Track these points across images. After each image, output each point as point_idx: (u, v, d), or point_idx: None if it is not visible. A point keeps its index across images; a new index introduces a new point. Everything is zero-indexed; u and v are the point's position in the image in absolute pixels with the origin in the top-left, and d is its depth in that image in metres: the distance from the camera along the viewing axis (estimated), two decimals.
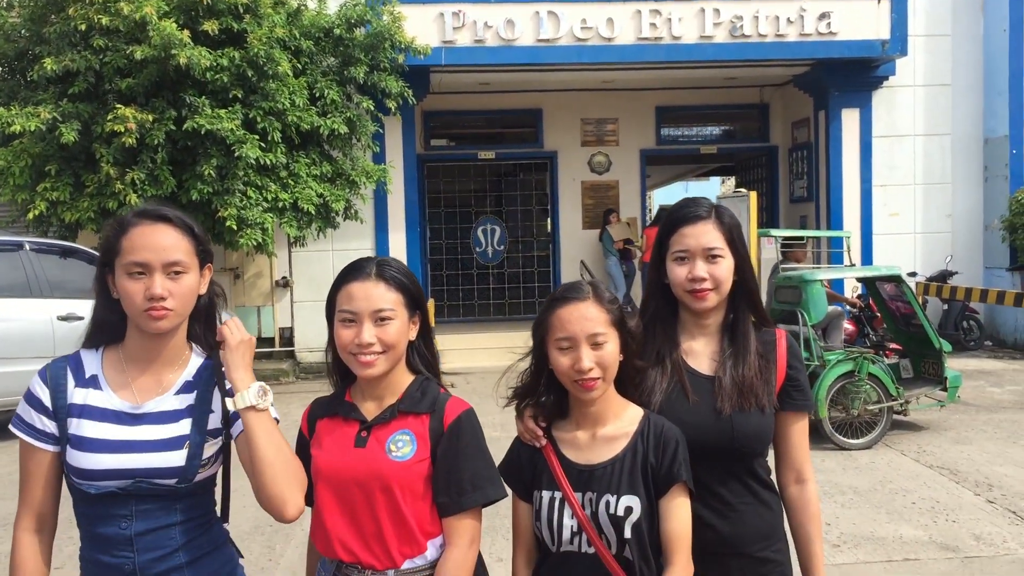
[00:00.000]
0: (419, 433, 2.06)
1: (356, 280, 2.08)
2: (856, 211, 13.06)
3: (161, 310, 1.94)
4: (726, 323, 2.25)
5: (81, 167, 9.71)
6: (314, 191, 10.27)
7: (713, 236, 2.18)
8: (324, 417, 2.16)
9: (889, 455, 7.21)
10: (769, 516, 2.20)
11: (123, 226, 2.00)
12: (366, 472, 2.03)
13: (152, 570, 1.97)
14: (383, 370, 2.07)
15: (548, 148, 15.36)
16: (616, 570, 2.02)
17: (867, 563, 4.99)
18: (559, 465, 2.10)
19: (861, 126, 13.01)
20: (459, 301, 15.89)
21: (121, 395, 2.01)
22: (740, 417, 2.13)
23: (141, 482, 1.95)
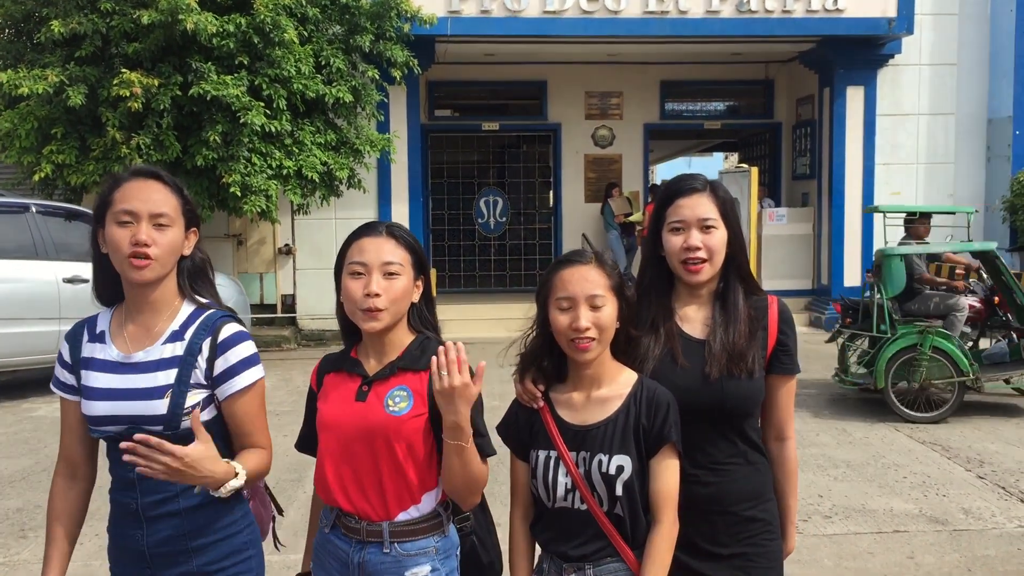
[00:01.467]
0: (416, 389, 2.15)
1: (368, 236, 2.17)
2: (858, 189, 13.09)
3: (144, 259, 2.03)
4: (717, 291, 2.33)
5: (87, 131, 9.74)
6: (318, 159, 10.31)
7: (707, 207, 2.26)
8: (331, 372, 2.26)
9: (883, 431, 7.31)
10: (757, 476, 2.29)
11: (117, 181, 2.12)
12: (365, 425, 2.12)
13: (152, 511, 2.08)
14: (387, 323, 2.14)
15: (552, 120, 15.36)
16: (607, 526, 2.12)
17: (857, 534, 5.10)
18: (555, 425, 2.18)
19: (865, 104, 13.01)
20: (460, 272, 15.96)
21: (117, 346, 2.13)
22: (729, 381, 2.21)
23: (133, 428, 2.04)
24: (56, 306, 8.69)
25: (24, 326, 8.47)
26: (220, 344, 2.11)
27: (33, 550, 4.91)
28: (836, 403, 8.29)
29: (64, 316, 8.71)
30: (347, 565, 2.16)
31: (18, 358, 8.67)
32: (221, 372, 2.10)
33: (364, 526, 2.14)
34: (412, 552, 2.13)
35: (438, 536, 2.17)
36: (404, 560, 2.13)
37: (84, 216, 9.34)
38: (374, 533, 2.13)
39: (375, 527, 2.13)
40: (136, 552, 2.11)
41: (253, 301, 12.39)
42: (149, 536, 2.08)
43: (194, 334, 2.11)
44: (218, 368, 2.10)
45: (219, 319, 2.14)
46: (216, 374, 2.10)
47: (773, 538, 2.29)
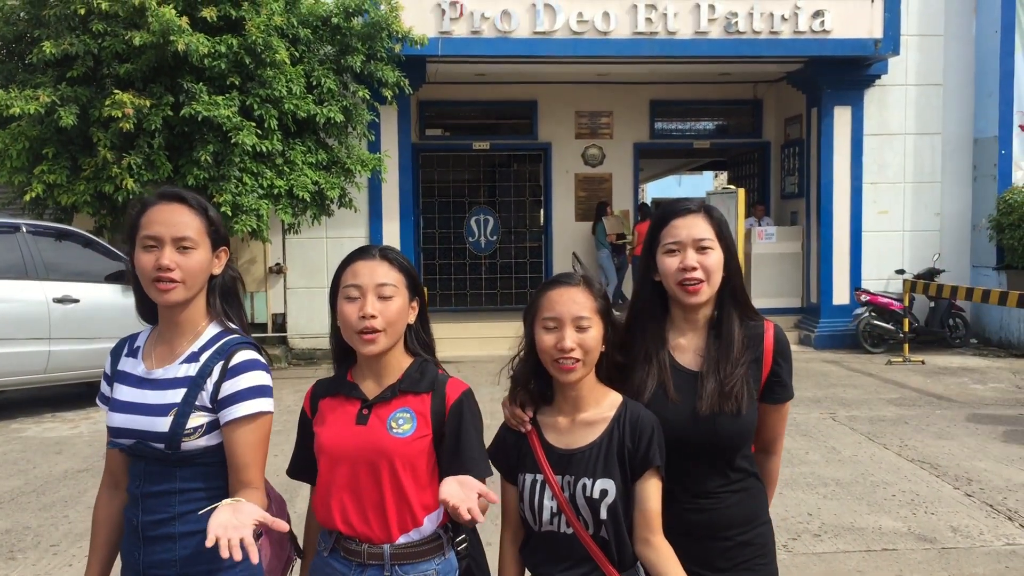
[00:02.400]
0: (419, 411, 2.17)
1: (361, 259, 2.21)
2: (846, 208, 13.17)
3: (168, 282, 2.08)
4: (712, 318, 2.31)
5: (78, 151, 9.76)
6: (309, 178, 10.33)
7: (703, 228, 2.25)
8: (326, 396, 2.27)
9: (872, 449, 7.34)
10: (749, 501, 2.29)
11: (144, 205, 2.16)
12: (367, 448, 2.13)
13: (150, 532, 2.09)
14: (384, 347, 2.16)
15: (542, 140, 15.45)
16: (594, 549, 2.13)
17: (846, 552, 5.12)
18: (541, 449, 2.20)
19: (853, 124, 13.11)
20: (451, 290, 15.98)
21: (145, 362, 2.18)
22: (720, 418, 2.20)
23: (140, 443, 2.09)
24: (46, 326, 8.67)
25: (13, 346, 8.45)
26: (231, 369, 2.11)
27: (21, 571, 4.89)
28: (825, 422, 8.33)
29: (54, 336, 8.70)
30: None
31: (6, 378, 8.63)
32: (225, 396, 2.10)
33: (365, 548, 2.14)
34: (413, 575, 2.14)
35: (439, 559, 2.18)
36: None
37: (74, 236, 9.35)
38: (375, 556, 2.14)
39: (376, 549, 2.14)
40: (135, 571, 2.13)
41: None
42: (145, 557, 2.10)
43: (209, 357, 2.13)
44: (223, 392, 2.10)
45: (236, 344, 2.15)
46: (221, 397, 2.10)
47: (766, 563, 2.30)
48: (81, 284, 8.99)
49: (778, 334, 2.32)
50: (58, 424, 8.59)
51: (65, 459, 7.24)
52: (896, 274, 13.03)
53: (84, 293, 8.95)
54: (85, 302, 8.92)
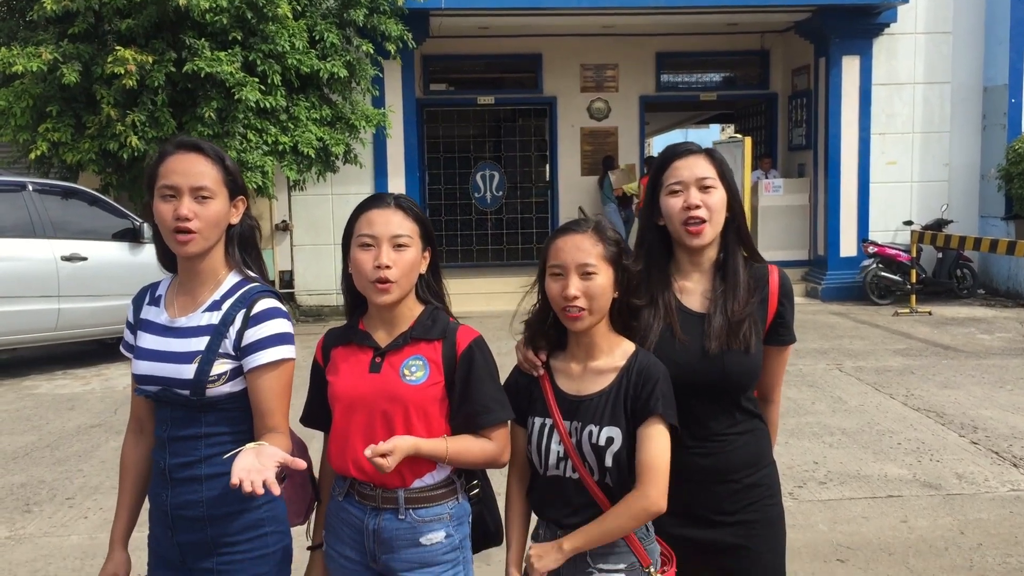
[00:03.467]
0: (431, 358, 2.18)
1: (376, 208, 2.20)
2: (854, 159, 13.09)
3: (187, 233, 2.09)
4: (718, 261, 2.31)
5: (82, 108, 9.73)
6: (314, 135, 10.30)
7: (705, 167, 2.26)
8: (338, 345, 2.28)
9: (878, 398, 7.38)
10: (755, 443, 2.30)
11: (162, 155, 2.17)
12: (381, 395, 2.15)
13: (177, 474, 2.14)
14: (397, 297, 2.17)
15: (547, 94, 15.32)
16: (598, 495, 2.15)
17: (852, 499, 5.17)
18: (552, 394, 2.21)
19: (861, 74, 12.98)
20: (457, 246, 15.97)
21: (168, 311, 2.21)
22: (729, 355, 2.21)
23: (166, 390, 2.13)
24: (55, 284, 8.71)
25: (23, 304, 8.49)
26: (253, 317, 2.13)
27: (38, 524, 4.98)
28: (831, 372, 8.36)
29: (63, 294, 8.74)
30: (361, 532, 2.20)
31: (18, 336, 8.70)
32: (248, 344, 2.12)
33: (379, 493, 2.17)
34: (427, 518, 2.17)
35: (452, 503, 2.21)
36: (419, 526, 2.17)
37: (81, 194, 9.35)
38: (389, 500, 2.17)
39: (390, 494, 2.17)
40: (162, 512, 2.17)
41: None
42: (172, 498, 2.14)
43: (231, 305, 2.15)
44: (247, 339, 2.12)
45: (257, 293, 2.17)
46: (244, 345, 2.12)
47: (774, 503, 2.32)
48: (89, 242, 9.02)
49: (783, 276, 2.34)
50: (70, 381, 8.67)
51: (78, 415, 7.32)
52: (904, 225, 12.98)
53: (92, 251, 8.97)
54: (93, 260, 8.95)
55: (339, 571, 2.27)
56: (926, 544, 4.53)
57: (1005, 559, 4.34)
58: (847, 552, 4.45)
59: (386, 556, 2.18)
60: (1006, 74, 12.77)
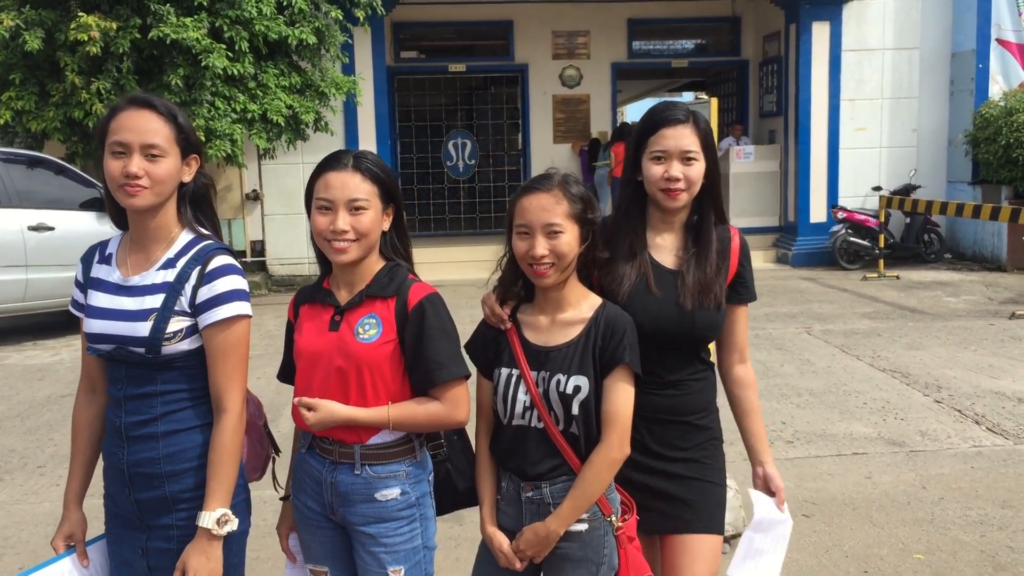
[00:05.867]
0: (384, 316, 2.20)
1: (333, 170, 2.20)
2: (824, 126, 13.16)
3: (136, 187, 2.07)
4: (690, 222, 2.43)
5: (46, 76, 9.56)
6: (283, 102, 10.19)
7: (690, 140, 2.33)
8: (306, 303, 2.33)
9: (846, 360, 7.49)
10: (708, 390, 2.46)
11: (113, 111, 2.14)
12: (337, 353, 2.18)
13: (133, 432, 2.14)
14: (355, 257, 2.20)
15: (519, 61, 15.25)
16: (562, 444, 2.20)
17: (818, 457, 5.26)
18: (520, 345, 2.26)
19: (831, 40, 13.02)
20: (430, 215, 15.94)
21: (120, 269, 2.19)
22: (700, 312, 2.34)
23: (120, 348, 2.12)
24: (22, 254, 8.62)
25: None
26: (208, 274, 2.12)
27: (9, 492, 4.96)
28: (800, 336, 8.46)
29: (31, 263, 8.66)
30: (321, 484, 2.25)
31: None
32: (204, 300, 2.11)
33: (337, 448, 2.22)
34: (382, 475, 2.21)
35: (409, 460, 2.24)
36: (374, 482, 2.21)
37: (47, 163, 9.23)
38: (346, 455, 2.21)
39: (347, 449, 2.21)
40: (118, 470, 2.17)
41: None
42: (129, 456, 2.14)
43: (186, 263, 2.14)
44: (201, 296, 2.11)
45: (213, 250, 2.15)
46: (199, 302, 2.11)
47: (718, 446, 2.47)
48: (56, 212, 8.91)
49: (743, 239, 2.48)
50: (39, 352, 8.60)
51: (47, 385, 7.28)
52: (873, 191, 13.09)
53: (59, 220, 8.87)
54: (60, 229, 8.84)
55: (303, 521, 2.32)
56: (889, 499, 4.63)
57: (965, 512, 4.44)
58: (812, 508, 4.55)
59: (343, 509, 2.23)
60: (974, 40, 12.87)
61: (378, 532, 2.21)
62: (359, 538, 2.24)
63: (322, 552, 2.31)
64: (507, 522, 2.28)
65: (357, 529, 2.23)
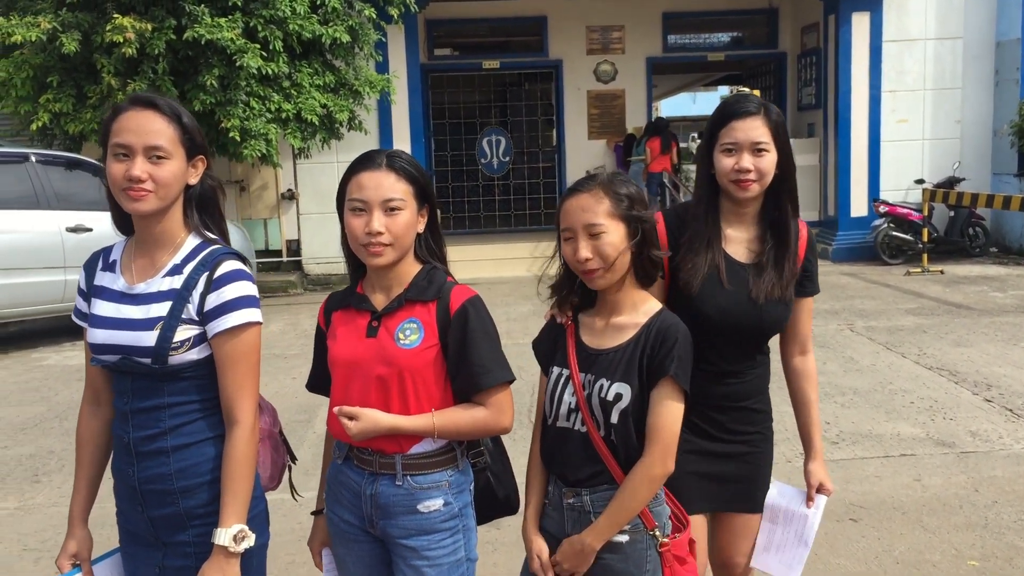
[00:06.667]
0: (426, 320, 2.12)
1: (367, 170, 2.12)
2: (864, 118, 12.92)
3: (139, 191, 1.99)
4: (764, 213, 2.44)
5: (83, 78, 9.63)
6: (317, 101, 10.19)
7: (761, 131, 2.34)
8: (338, 309, 2.24)
9: (890, 358, 7.31)
10: (764, 375, 2.53)
11: (116, 111, 2.05)
12: (376, 360, 2.10)
13: (142, 447, 2.05)
14: (391, 260, 2.12)
15: (553, 57, 15.14)
16: (603, 451, 2.12)
17: (864, 459, 5.12)
18: (574, 345, 2.21)
19: (871, 30, 12.77)
20: (464, 213, 15.90)
21: (124, 277, 2.10)
22: (771, 305, 2.37)
23: (126, 359, 2.03)
24: (60, 255, 8.69)
25: (29, 276, 8.46)
26: (216, 280, 2.03)
27: (47, 494, 4.97)
28: (842, 333, 8.29)
29: (69, 265, 8.72)
30: (359, 496, 2.16)
31: (25, 308, 8.69)
32: (212, 308, 2.02)
33: (377, 458, 2.14)
34: (425, 485, 2.13)
35: (451, 470, 2.16)
36: (416, 493, 2.12)
37: (85, 165, 9.29)
38: (387, 465, 2.13)
39: (388, 459, 2.13)
40: (130, 487, 2.09)
41: (258, 247, 12.38)
42: (140, 472, 2.06)
43: (193, 269, 2.05)
44: (209, 303, 2.03)
45: (220, 255, 2.07)
46: (207, 309, 2.03)
47: (769, 426, 2.55)
48: (93, 213, 8.94)
49: (810, 232, 2.52)
50: (78, 352, 8.65)
51: None
52: (915, 184, 12.83)
53: (97, 222, 8.91)
54: (99, 231, 8.87)
55: (339, 535, 2.24)
56: (940, 502, 4.48)
57: (1021, 516, 4.29)
58: (860, 511, 4.41)
59: (384, 522, 2.15)
60: (1019, 28, 12.54)
61: (420, 545, 2.13)
62: (400, 552, 2.15)
63: (359, 567, 2.23)
64: (552, 527, 2.22)
65: (398, 542, 2.15)
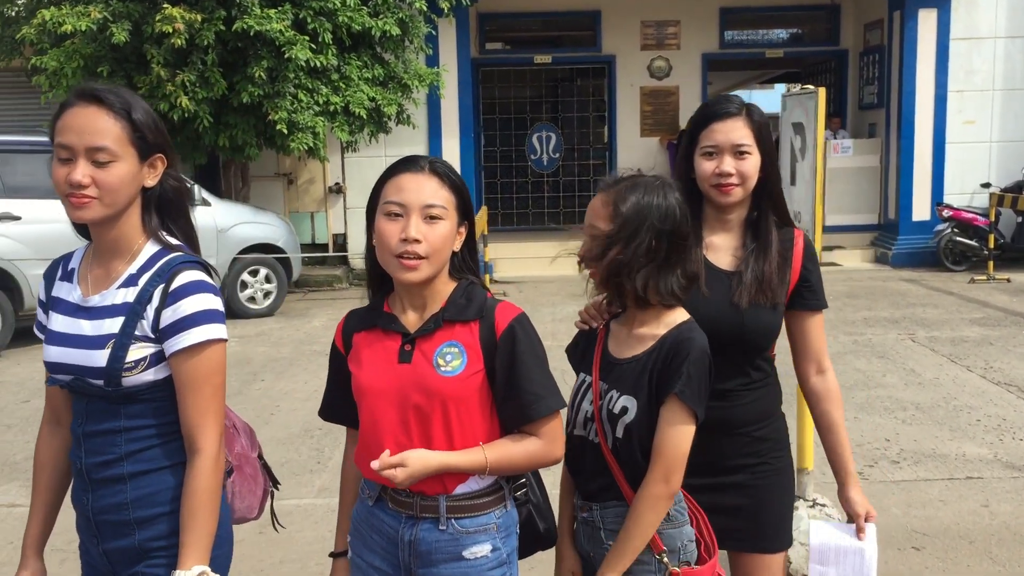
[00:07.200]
0: (468, 343, 1.89)
1: (408, 172, 1.88)
2: (929, 119, 12.47)
3: (82, 198, 1.77)
4: (748, 219, 2.31)
5: (133, 68, 9.62)
6: (366, 95, 10.07)
7: (742, 132, 2.22)
8: (361, 330, 1.98)
9: (954, 371, 6.96)
10: (765, 400, 2.30)
11: (63, 106, 1.84)
12: (414, 389, 1.87)
13: (96, 474, 1.86)
14: (426, 276, 1.87)
15: (606, 52, 14.86)
16: (612, 464, 2.01)
17: (927, 480, 4.83)
18: (599, 352, 2.12)
19: (939, 28, 12.32)
20: (512, 209, 15.71)
21: (81, 287, 1.91)
22: (752, 311, 2.20)
23: (78, 379, 1.84)
24: None
25: None
26: (172, 292, 1.82)
27: None
28: (903, 343, 7.94)
29: None
30: (395, 543, 1.93)
31: None
32: (169, 324, 1.81)
33: (417, 500, 1.90)
34: (471, 529, 1.91)
35: (499, 511, 1.94)
36: (462, 538, 1.90)
37: None
38: (428, 508, 1.90)
39: (430, 501, 1.90)
40: (86, 518, 1.91)
41: (304, 241, 12.32)
42: (94, 501, 1.87)
43: (148, 280, 1.84)
44: (165, 319, 1.81)
45: (178, 264, 1.85)
46: (164, 326, 1.81)
47: (782, 455, 2.32)
48: None
49: (807, 241, 2.35)
50: None
51: None
52: (981, 188, 12.37)
53: None
54: None
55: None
56: (1010, 531, 4.19)
57: None
58: (923, 539, 4.14)
59: (423, 570, 1.92)
60: None
61: None
62: None
63: None
64: (580, 541, 2.12)
65: None
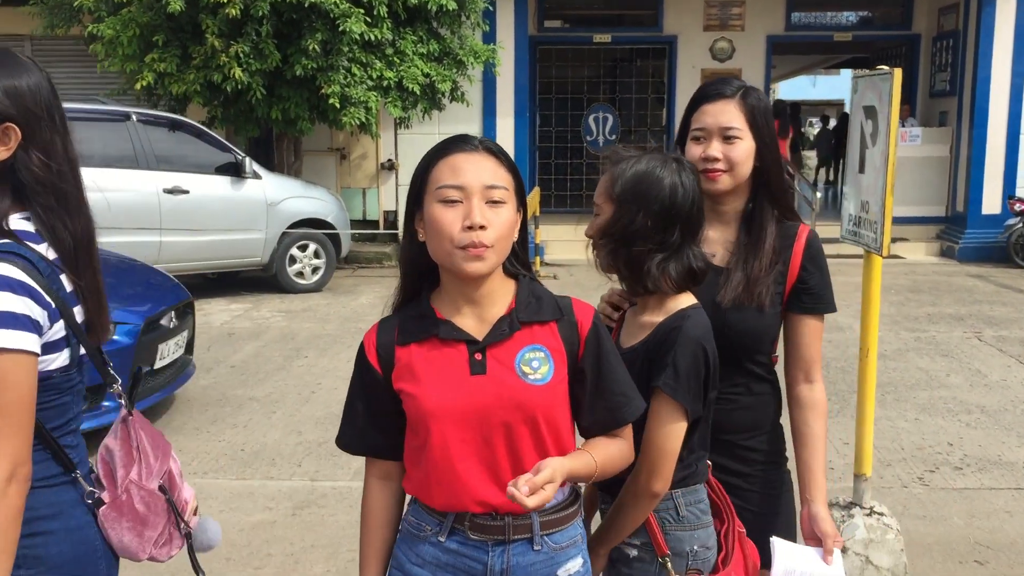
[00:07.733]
0: (552, 347, 1.69)
1: (462, 151, 1.67)
2: (1004, 108, 11.95)
3: None
4: (744, 212, 2.18)
5: (188, 38, 9.59)
6: (420, 70, 9.93)
7: (732, 115, 2.09)
8: (410, 343, 1.72)
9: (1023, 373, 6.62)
10: (759, 407, 2.18)
11: None
12: (499, 405, 1.66)
13: None
14: (492, 267, 1.66)
15: (667, 32, 14.51)
16: None
17: (992, 489, 4.56)
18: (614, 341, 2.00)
19: (1017, 13, 11.77)
20: (566, 191, 15.49)
21: None
22: (735, 312, 2.07)
23: None
24: (157, 217, 8.68)
25: (125, 236, 8.41)
26: None
27: None
28: (969, 341, 7.59)
29: (165, 227, 8.72)
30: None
31: None
32: None
33: (509, 522, 1.69)
34: (563, 544, 1.74)
35: (579, 520, 1.79)
36: (556, 555, 1.73)
37: (185, 126, 9.26)
38: (520, 528, 1.70)
39: (522, 520, 1.70)
40: None
41: (355, 217, 12.25)
42: None
43: None
44: None
45: None
46: None
47: (773, 468, 2.20)
48: (191, 175, 8.94)
49: (811, 239, 2.18)
50: None
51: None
52: None
53: (194, 184, 8.89)
54: (195, 193, 8.87)
55: None
56: None
57: None
58: (987, 552, 3.89)
59: None
60: None
61: None
62: None
63: None
64: None
65: None
